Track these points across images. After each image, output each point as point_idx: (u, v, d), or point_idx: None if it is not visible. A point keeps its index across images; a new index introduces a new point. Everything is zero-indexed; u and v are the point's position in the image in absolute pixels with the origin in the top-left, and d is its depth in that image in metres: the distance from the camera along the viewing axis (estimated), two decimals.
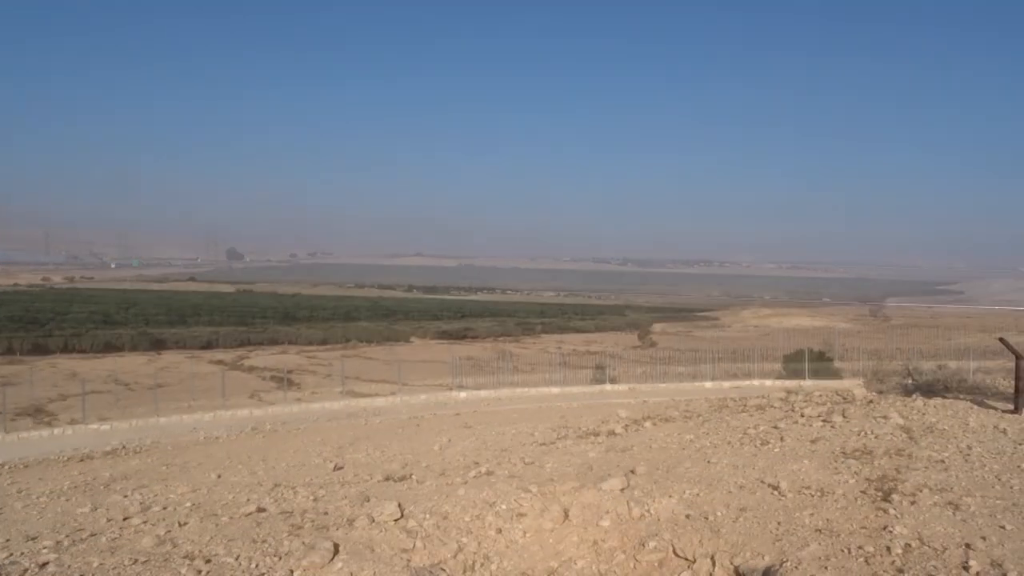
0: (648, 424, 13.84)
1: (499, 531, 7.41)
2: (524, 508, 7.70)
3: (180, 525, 8.35)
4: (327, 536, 6.78)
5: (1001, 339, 13.87)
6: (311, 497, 10.06)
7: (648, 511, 7.58)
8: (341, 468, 12.97)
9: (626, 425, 13.95)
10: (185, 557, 6.78)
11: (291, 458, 14.89)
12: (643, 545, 7.02)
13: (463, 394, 28.15)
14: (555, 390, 28.86)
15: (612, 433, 13.24)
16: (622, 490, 8.25)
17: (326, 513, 8.86)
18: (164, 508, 9.62)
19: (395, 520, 7.11)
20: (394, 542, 6.59)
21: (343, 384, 33.00)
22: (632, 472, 9.48)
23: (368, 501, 9.18)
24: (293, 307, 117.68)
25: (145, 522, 8.62)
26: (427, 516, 7.28)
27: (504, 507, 7.69)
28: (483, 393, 28.37)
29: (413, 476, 11.29)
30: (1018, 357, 12.36)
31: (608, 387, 29.72)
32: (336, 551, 6.14)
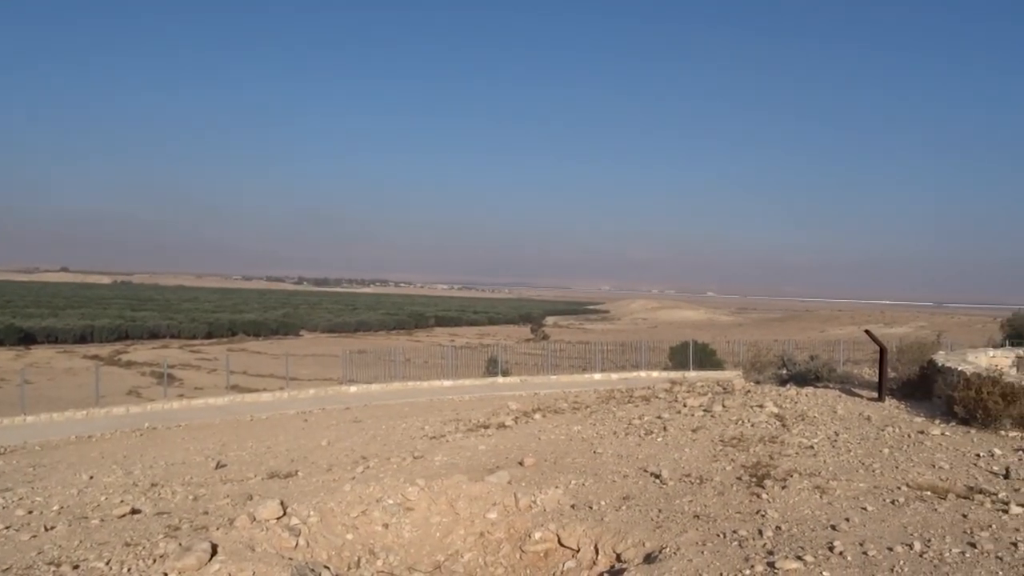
0: (538, 416, 14.01)
1: (386, 526, 7.36)
2: (412, 502, 7.67)
3: (46, 530, 7.92)
4: (206, 537, 6.55)
5: (867, 331, 14.71)
6: (190, 496, 9.73)
7: (535, 502, 7.68)
8: (224, 466, 12.58)
9: (516, 417, 14.07)
10: (51, 564, 6.43)
11: (170, 457, 14.33)
12: (529, 536, 7.11)
13: (353, 388, 27.72)
14: (447, 383, 28.81)
15: (502, 426, 13.32)
16: (509, 482, 8.33)
17: (206, 513, 8.58)
18: (29, 512, 9.10)
19: (278, 518, 6.94)
20: (276, 541, 6.44)
21: (228, 379, 31.92)
22: (521, 464, 9.59)
23: (251, 499, 8.96)
24: (176, 299, 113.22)
25: (7, 527, 8.14)
26: (311, 513, 7.13)
27: (391, 502, 7.63)
28: (374, 387, 28.00)
29: (299, 473, 11.07)
30: (882, 349, 13.13)
31: (500, 380, 29.88)
32: (214, 552, 5.94)
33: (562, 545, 6.93)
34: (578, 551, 6.77)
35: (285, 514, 7.10)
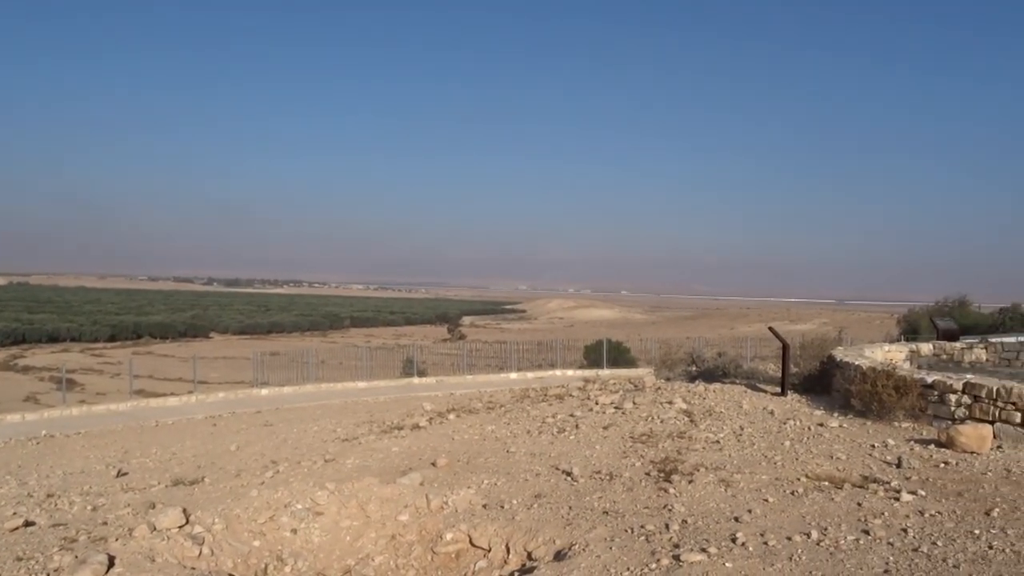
0: (452, 416, 13.97)
1: (294, 531, 7.22)
2: (321, 506, 7.54)
3: None
4: (103, 548, 6.29)
5: (771, 328, 15.19)
6: (89, 507, 9.32)
7: (447, 503, 7.65)
8: (126, 474, 12.10)
9: (430, 418, 14.00)
10: None
11: (69, 465, 13.70)
12: (441, 537, 7.09)
13: (265, 391, 27.09)
14: (362, 384, 28.44)
15: (416, 427, 13.23)
16: (422, 483, 8.28)
17: (105, 523, 8.23)
18: None
19: (180, 527, 6.72)
20: (178, 550, 6.23)
21: (132, 384, 30.78)
22: (433, 465, 9.54)
23: (153, 508, 8.64)
24: (77, 300, 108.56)
25: None
26: (216, 520, 6.94)
27: (300, 506, 7.48)
28: (287, 390, 27.43)
29: (205, 479, 10.74)
30: (784, 345, 13.59)
31: (416, 380, 29.68)
32: (111, 564, 5.71)
33: (474, 545, 6.93)
34: (489, 551, 6.78)
35: (188, 522, 6.88)
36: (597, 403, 12.96)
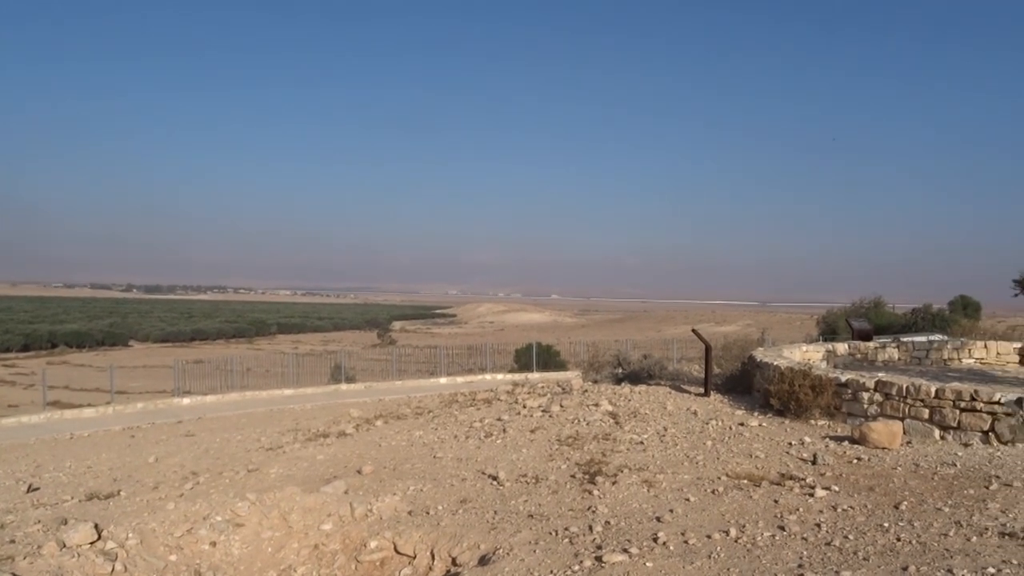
0: (379, 423, 13.83)
1: (213, 544, 7.04)
2: (242, 518, 7.37)
3: None
4: (9, 568, 6.03)
5: (694, 330, 15.50)
6: None
7: (371, 510, 7.57)
8: (36, 489, 11.60)
9: (357, 425, 13.83)
10: None
11: None
12: (365, 545, 7.01)
13: (187, 401, 26.36)
14: (288, 392, 27.92)
15: (343, 434, 13.06)
16: (346, 492, 8.18)
17: (13, 541, 7.88)
18: None
19: (91, 543, 6.48)
20: (89, 567, 6.01)
21: (46, 395, 29.56)
22: (359, 472, 9.43)
23: (65, 524, 8.31)
24: None
25: None
26: (130, 535, 6.72)
27: (220, 518, 7.30)
28: (210, 399, 26.75)
29: (121, 492, 10.38)
30: (707, 346, 13.87)
31: (344, 387, 29.29)
32: None
33: (398, 552, 6.87)
34: (414, 557, 6.74)
35: (100, 538, 6.64)
36: (525, 407, 13.00)
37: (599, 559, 5.75)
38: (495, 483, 8.37)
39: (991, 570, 5.19)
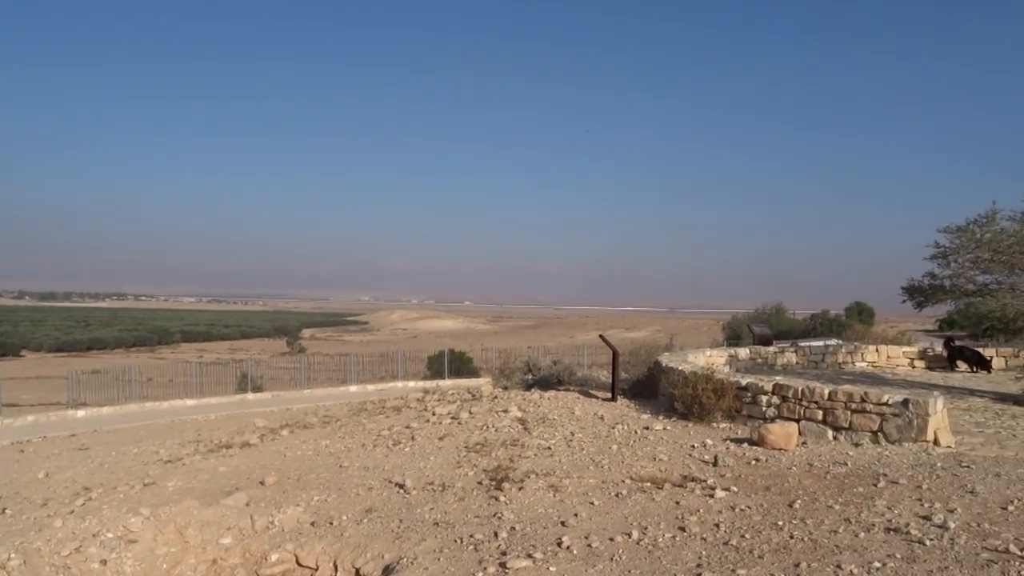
0: (285, 432, 13.52)
1: (104, 562, 6.74)
2: (135, 534, 7.09)
3: None
4: None
5: (601, 336, 15.73)
6: None
7: (273, 522, 7.39)
8: None
9: (262, 435, 13.49)
10: None
11: None
12: (266, 558, 6.84)
13: (82, 413, 25.20)
14: (191, 402, 27.03)
15: (247, 444, 12.71)
16: (247, 504, 7.96)
17: None
18: None
19: None
20: None
21: None
22: (262, 483, 9.19)
23: None
24: None
25: None
26: (12, 555, 6.37)
27: (111, 535, 7.00)
28: (107, 411, 25.65)
29: (7, 510, 9.82)
30: (614, 352, 14.09)
31: (251, 396, 28.54)
32: None
33: (300, 565, 6.73)
34: (316, 569, 6.61)
35: None
36: (434, 414, 12.93)
37: (503, 565, 5.75)
38: (402, 491, 8.28)
39: (877, 564, 5.42)
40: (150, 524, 7.18)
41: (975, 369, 18.81)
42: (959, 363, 19.28)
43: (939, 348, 21.58)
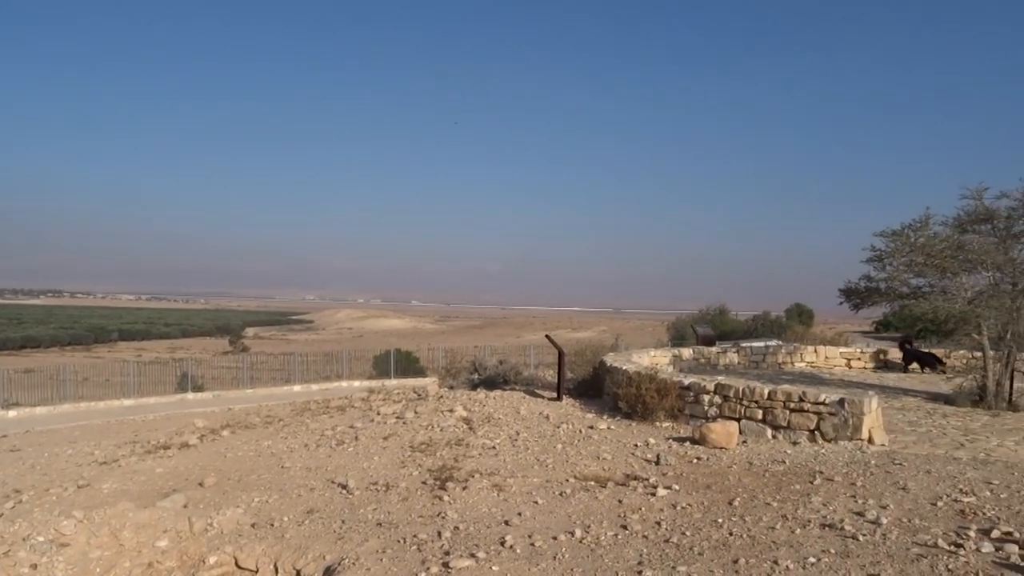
0: (226, 433, 13.28)
1: (34, 567, 6.52)
2: (67, 537, 6.88)
3: None
4: None
5: (547, 336, 15.80)
6: None
7: (212, 524, 7.25)
8: None
9: (202, 435, 13.22)
10: None
11: None
12: (204, 561, 6.70)
13: (13, 413, 24.42)
14: (129, 402, 26.40)
15: (185, 445, 12.45)
16: (185, 505, 7.80)
17: None
18: None
19: None
20: None
21: None
22: (201, 485, 9.02)
23: None
24: None
25: None
26: None
27: (42, 539, 6.78)
28: (40, 411, 24.92)
29: None
30: (560, 352, 14.17)
31: (191, 396, 28.00)
32: None
33: (240, 567, 6.61)
34: (256, 572, 6.50)
35: None
36: (379, 413, 12.84)
37: (446, 565, 5.74)
38: (345, 492, 8.20)
39: (812, 560, 5.55)
40: (83, 527, 6.98)
41: (924, 370, 19.28)
42: (914, 364, 19.68)
43: (874, 348, 22.21)
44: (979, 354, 14.39)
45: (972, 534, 5.97)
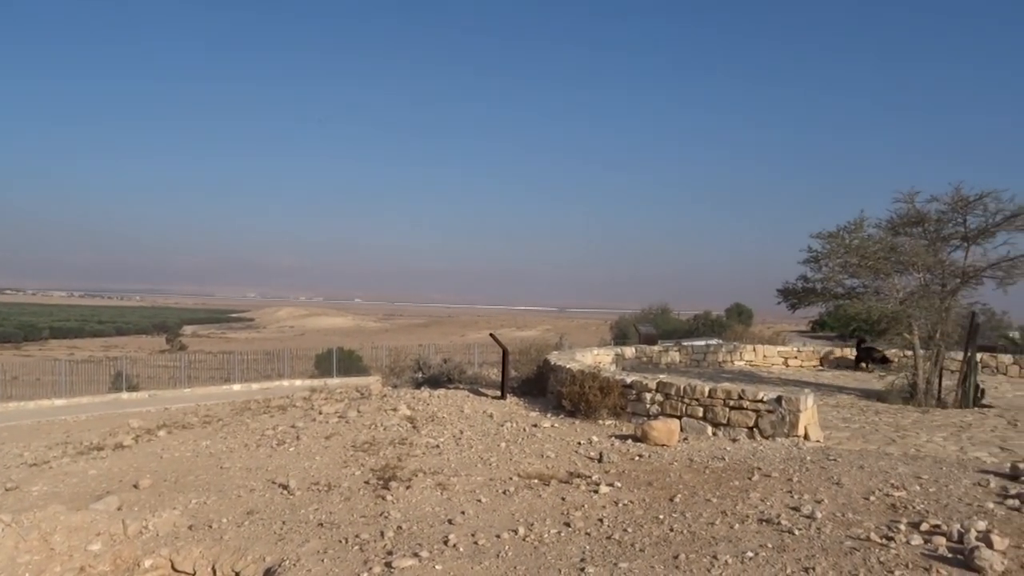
0: (162, 433, 12.97)
1: None
2: None
3: None
4: None
5: (492, 335, 15.82)
6: None
7: (147, 527, 7.07)
8: None
9: (137, 436, 12.89)
10: None
11: None
12: (138, 565, 6.53)
13: None
14: (60, 402, 25.62)
15: (120, 446, 12.12)
16: (119, 508, 7.60)
17: None
18: None
19: None
20: None
21: None
22: (136, 487, 8.80)
23: None
24: None
25: None
26: None
27: None
28: None
29: None
30: (504, 351, 14.19)
31: (126, 396, 27.32)
32: None
33: (176, 570, 6.46)
34: (194, 574, 6.36)
35: None
36: (321, 413, 12.68)
37: (388, 565, 5.70)
38: (285, 492, 8.08)
39: (750, 554, 5.66)
40: (11, 531, 6.74)
41: (868, 366, 19.82)
42: (866, 363, 20.22)
43: (811, 347, 22.77)
44: (910, 353, 14.86)
45: (903, 527, 6.15)
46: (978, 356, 15.29)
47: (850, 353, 21.18)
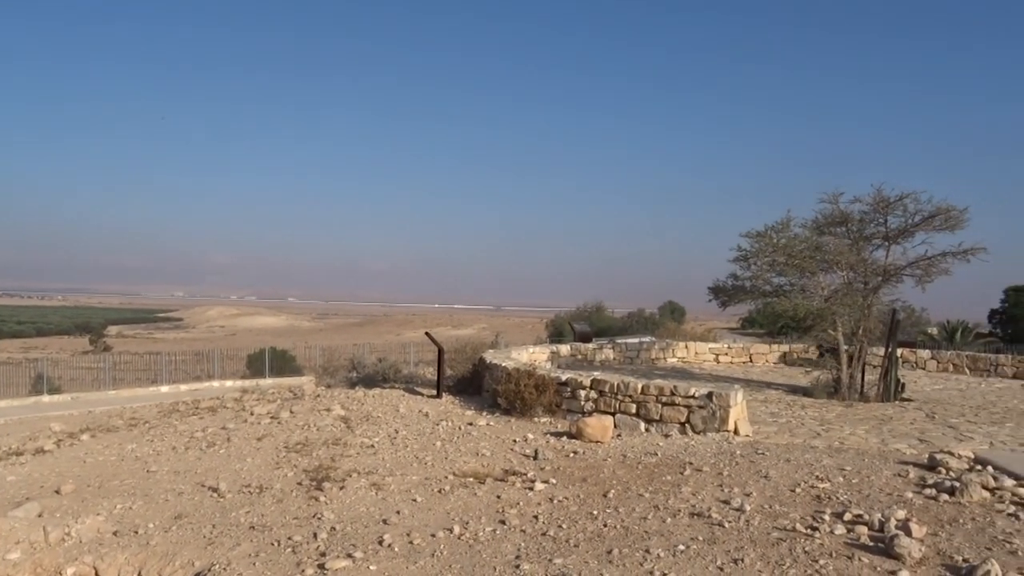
0: (85, 437, 12.55)
1: None
2: None
3: None
4: None
5: (427, 333, 15.77)
6: None
7: (69, 534, 6.84)
8: None
9: (59, 440, 12.45)
10: None
11: None
12: (60, 573, 6.31)
13: None
14: None
15: (40, 451, 11.69)
16: (40, 515, 7.33)
17: None
18: None
19: None
20: None
21: None
22: (58, 492, 8.50)
23: None
24: None
25: None
26: None
27: None
28: None
29: None
30: (440, 349, 14.15)
31: (47, 399, 26.37)
32: None
33: None
34: None
35: None
36: (253, 414, 12.45)
37: (322, 566, 5.63)
38: (215, 495, 7.91)
39: (682, 547, 5.77)
40: None
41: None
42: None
43: (740, 344, 23.29)
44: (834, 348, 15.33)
45: (827, 517, 6.35)
46: (899, 352, 15.85)
47: (812, 352, 21.74)
